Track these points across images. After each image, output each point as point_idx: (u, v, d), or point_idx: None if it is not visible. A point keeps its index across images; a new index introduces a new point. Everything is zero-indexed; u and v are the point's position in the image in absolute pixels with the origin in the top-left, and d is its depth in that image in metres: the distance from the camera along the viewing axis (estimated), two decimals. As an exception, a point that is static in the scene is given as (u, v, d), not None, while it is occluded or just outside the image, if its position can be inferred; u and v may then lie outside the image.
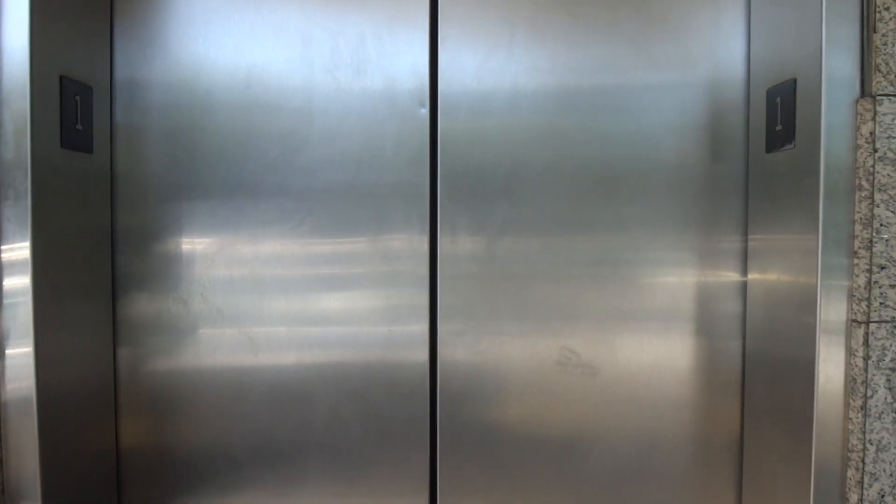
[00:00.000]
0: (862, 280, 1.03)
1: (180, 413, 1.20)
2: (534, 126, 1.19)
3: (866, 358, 1.03)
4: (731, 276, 1.21)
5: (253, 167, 1.19)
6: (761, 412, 1.17)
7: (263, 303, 1.19)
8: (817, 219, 1.01)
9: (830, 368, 1.04)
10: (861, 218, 1.02)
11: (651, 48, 1.20)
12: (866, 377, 1.03)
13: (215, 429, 1.19)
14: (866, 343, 1.03)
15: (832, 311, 1.04)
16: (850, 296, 1.04)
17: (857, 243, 1.03)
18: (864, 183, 1.02)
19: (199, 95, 1.19)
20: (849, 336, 1.04)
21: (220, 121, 1.19)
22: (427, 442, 1.17)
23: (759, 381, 1.18)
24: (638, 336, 1.21)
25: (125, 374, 1.21)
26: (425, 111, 1.18)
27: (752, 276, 1.21)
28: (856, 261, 1.04)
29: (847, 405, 1.04)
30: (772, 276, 1.14)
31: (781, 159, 1.11)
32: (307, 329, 1.19)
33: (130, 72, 1.19)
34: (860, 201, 1.02)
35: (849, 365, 1.05)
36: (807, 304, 1.03)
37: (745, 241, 1.21)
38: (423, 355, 1.18)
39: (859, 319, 1.04)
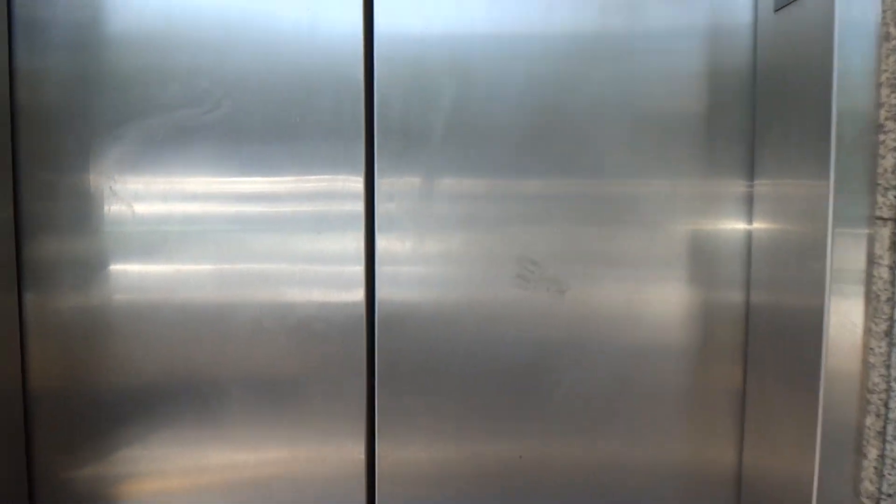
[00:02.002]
0: (890, 162, 0.76)
1: (94, 353, 1.11)
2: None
3: (893, 267, 0.75)
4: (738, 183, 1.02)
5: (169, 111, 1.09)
6: (766, 362, 0.97)
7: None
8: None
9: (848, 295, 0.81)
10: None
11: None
12: (893, 292, 0.75)
13: (136, 368, 1.11)
14: (893, 247, 0.75)
15: (849, 209, 0.79)
16: (873, 185, 0.76)
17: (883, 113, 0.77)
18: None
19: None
20: (871, 243, 0.76)
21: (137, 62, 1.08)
22: (364, 378, 1.05)
23: (765, 330, 0.98)
24: (627, 284, 1.05)
25: (32, 314, 1.12)
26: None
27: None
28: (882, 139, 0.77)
29: (868, 332, 0.77)
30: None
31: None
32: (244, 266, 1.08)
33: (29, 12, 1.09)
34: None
35: (870, 280, 0.77)
36: (823, 196, 0.81)
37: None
38: (359, 295, 1.04)
39: (885, 216, 0.76)
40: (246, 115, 1.07)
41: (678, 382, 1.05)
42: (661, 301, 1.05)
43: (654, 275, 1.07)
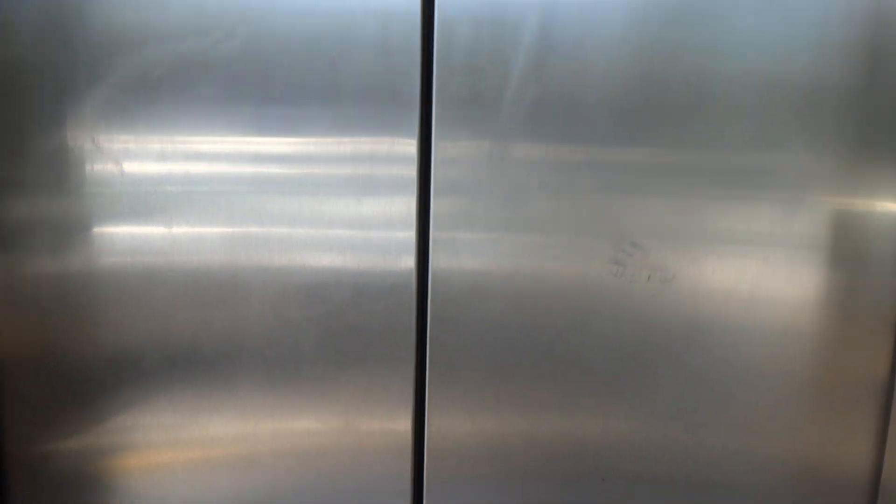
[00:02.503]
0: None
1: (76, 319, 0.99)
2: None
3: None
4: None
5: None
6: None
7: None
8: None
9: None
10: None
11: None
12: None
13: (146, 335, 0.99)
14: None
15: None
16: None
17: None
18: None
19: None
20: None
21: None
22: (413, 357, 0.95)
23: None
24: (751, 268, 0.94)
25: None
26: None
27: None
28: None
29: None
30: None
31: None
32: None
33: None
34: None
35: None
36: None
37: None
38: (410, 262, 0.92)
39: None
40: (266, 50, 0.91)
41: (812, 376, 0.97)
42: (794, 286, 0.95)
43: (786, 257, 0.94)
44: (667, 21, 0.88)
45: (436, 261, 0.92)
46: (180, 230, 0.96)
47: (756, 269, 0.94)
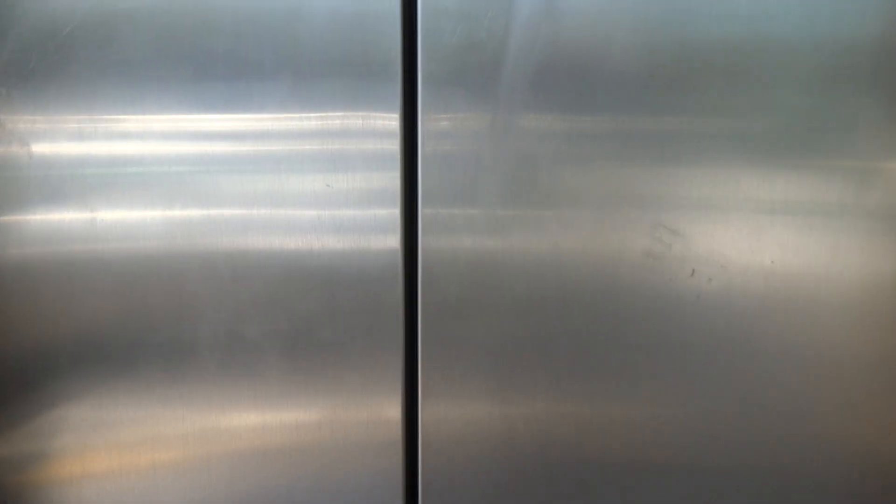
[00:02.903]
0: None
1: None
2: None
3: None
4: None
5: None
6: None
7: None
8: None
9: None
10: None
11: None
12: None
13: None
14: None
15: None
16: None
17: None
18: None
19: None
20: None
21: None
22: (401, 343, 0.85)
23: None
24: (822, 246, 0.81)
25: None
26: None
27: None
28: None
29: None
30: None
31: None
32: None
33: None
34: None
35: None
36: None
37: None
38: (394, 242, 0.83)
39: None
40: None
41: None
42: (872, 268, 0.82)
43: (862, 233, 0.81)
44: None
45: (427, 240, 0.82)
46: (106, 216, 0.83)
47: (826, 251, 0.81)
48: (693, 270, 0.82)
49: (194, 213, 0.82)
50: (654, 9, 0.77)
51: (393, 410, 0.86)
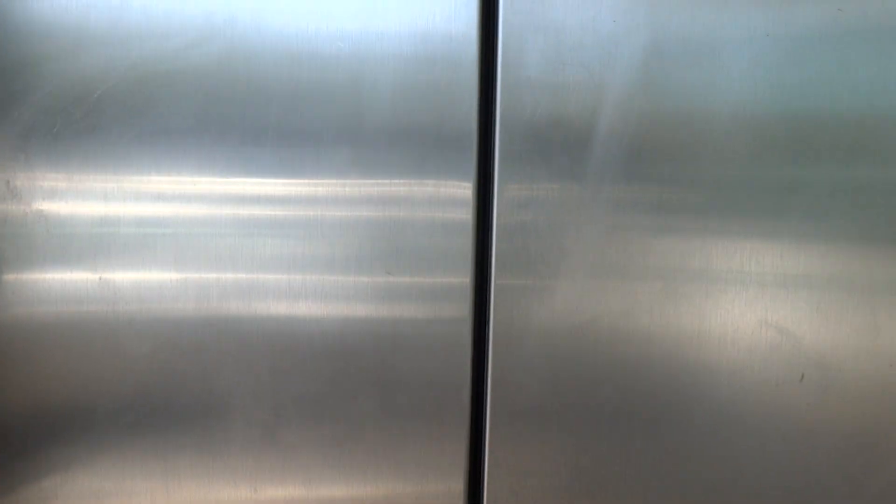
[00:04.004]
0: None
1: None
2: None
3: None
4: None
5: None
6: None
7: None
8: None
9: None
10: None
11: None
12: None
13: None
14: None
15: None
16: None
17: None
18: None
19: None
20: None
21: None
22: (467, 416, 0.81)
23: None
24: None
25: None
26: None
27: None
28: None
29: None
30: None
31: None
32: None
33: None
34: None
35: None
36: None
37: None
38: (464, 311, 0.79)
39: None
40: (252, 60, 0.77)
41: None
42: None
43: None
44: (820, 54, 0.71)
45: (498, 310, 0.79)
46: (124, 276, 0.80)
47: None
48: (803, 375, 0.74)
49: (242, 275, 0.79)
50: (764, 79, 0.72)
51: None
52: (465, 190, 0.75)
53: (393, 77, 0.75)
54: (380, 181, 0.76)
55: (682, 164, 0.73)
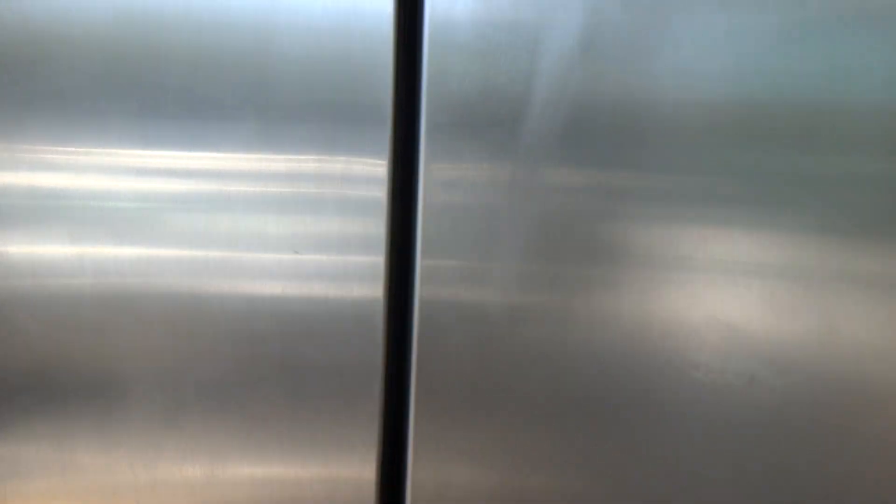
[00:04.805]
0: None
1: None
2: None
3: None
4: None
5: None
6: None
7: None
8: None
9: None
10: None
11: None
12: None
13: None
14: None
15: None
16: None
17: None
18: None
19: None
20: None
21: None
22: (379, 396, 0.77)
23: None
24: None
25: None
26: None
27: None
28: None
29: None
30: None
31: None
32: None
33: None
34: None
35: None
36: None
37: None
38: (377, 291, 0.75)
39: None
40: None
41: None
42: None
43: None
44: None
45: (424, 292, 0.74)
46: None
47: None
48: (752, 377, 0.70)
49: (130, 251, 0.75)
50: (720, 56, 0.67)
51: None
52: (378, 168, 0.72)
53: (304, 44, 0.70)
54: (289, 156, 0.72)
55: (624, 144, 0.69)
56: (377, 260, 0.74)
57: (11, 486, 0.81)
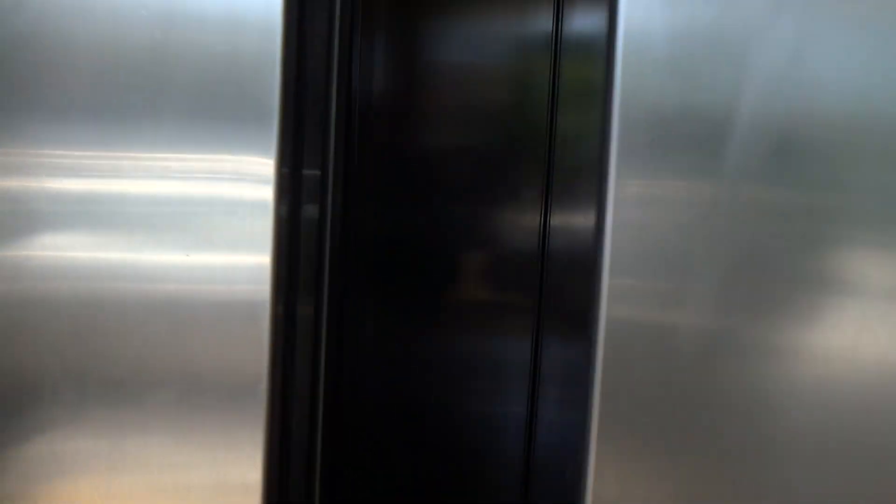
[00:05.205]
0: None
1: None
2: None
3: None
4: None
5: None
6: None
7: None
8: None
9: None
10: None
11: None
12: None
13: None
14: None
15: None
16: None
17: None
18: None
19: None
20: None
21: None
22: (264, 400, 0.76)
23: None
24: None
25: None
26: None
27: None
28: None
29: None
30: None
31: None
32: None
33: None
34: None
35: None
36: None
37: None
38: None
39: None
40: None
41: None
42: None
43: None
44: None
45: (611, 310, 0.66)
46: None
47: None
48: None
49: (39, 254, 0.75)
50: None
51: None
52: (265, 167, 0.72)
53: (197, 44, 0.72)
54: (182, 155, 0.73)
55: (835, 164, 0.64)
56: (264, 260, 0.75)
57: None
